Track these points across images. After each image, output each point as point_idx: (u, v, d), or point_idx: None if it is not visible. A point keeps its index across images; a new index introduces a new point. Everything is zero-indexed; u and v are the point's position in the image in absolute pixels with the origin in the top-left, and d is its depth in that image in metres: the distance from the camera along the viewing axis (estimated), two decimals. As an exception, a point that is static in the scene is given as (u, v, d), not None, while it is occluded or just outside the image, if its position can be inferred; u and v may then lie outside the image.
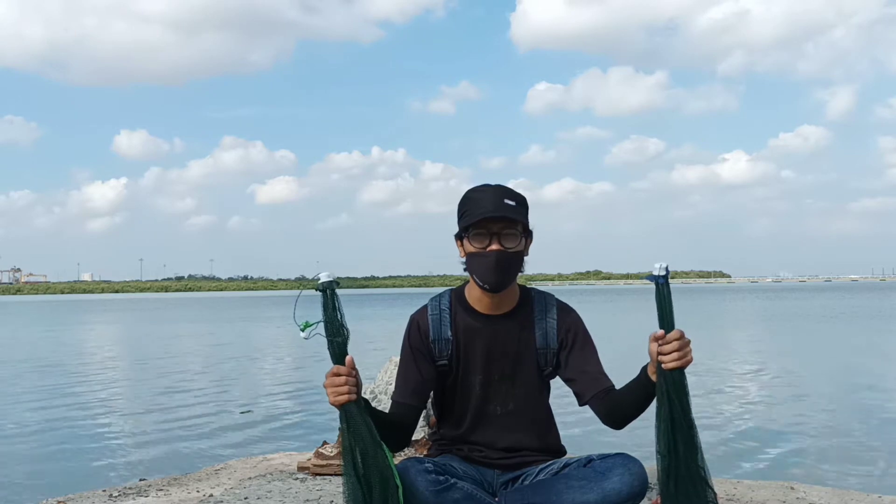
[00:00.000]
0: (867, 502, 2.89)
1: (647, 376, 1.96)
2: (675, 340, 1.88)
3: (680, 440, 1.89)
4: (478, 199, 2.08)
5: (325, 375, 1.89)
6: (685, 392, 1.90)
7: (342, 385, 1.87)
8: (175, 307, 63.84)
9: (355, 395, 1.88)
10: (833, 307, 37.93)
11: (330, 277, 1.90)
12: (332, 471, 3.33)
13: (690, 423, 1.90)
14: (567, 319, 2.19)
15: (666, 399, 1.89)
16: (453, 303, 2.20)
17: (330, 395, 1.88)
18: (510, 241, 2.07)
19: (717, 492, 1.96)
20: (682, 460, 1.89)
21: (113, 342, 23.33)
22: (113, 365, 15.35)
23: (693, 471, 1.90)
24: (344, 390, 1.87)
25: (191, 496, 3.12)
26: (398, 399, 2.15)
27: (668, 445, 1.89)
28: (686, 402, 1.90)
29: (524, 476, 2.15)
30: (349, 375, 1.88)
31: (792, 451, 6.24)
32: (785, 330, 22.78)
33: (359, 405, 1.89)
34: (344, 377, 1.87)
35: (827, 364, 13.29)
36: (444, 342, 2.16)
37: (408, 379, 2.16)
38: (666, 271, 1.91)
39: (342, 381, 1.87)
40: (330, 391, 1.88)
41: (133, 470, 5.81)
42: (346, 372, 1.88)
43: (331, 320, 1.89)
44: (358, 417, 1.87)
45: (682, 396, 1.89)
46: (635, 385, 2.01)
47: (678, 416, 1.89)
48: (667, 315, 1.91)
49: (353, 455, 1.86)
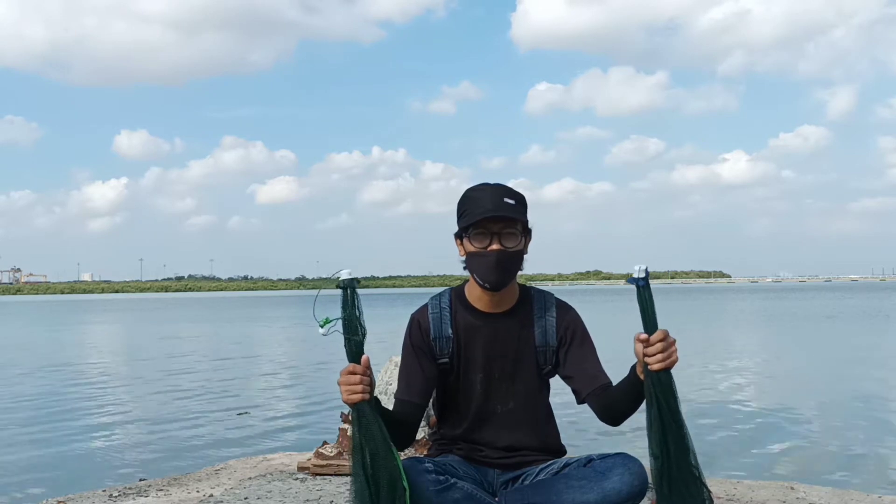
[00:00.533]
0: (867, 502, 2.89)
1: (636, 375, 1.97)
2: (659, 342, 1.88)
3: (671, 441, 1.89)
4: (477, 199, 2.08)
5: (340, 373, 1.89)
6: (673, 393, 1.89)
7: (357, 384, 1.87)
8: (175, 307, 63.84)
9: (369, 395, 1.88)
10: (833, 307, 37.93)
11: (350, 275, 1.90)
12: (332, 471, 3.33)
13: (680, 424, 1.89)
14: (566, 317, 2.19)
15: (654, 400, 1.89)
16: (453, 301, 2.21)
17: (343, 393, 1.88)
18: (510, 240, 2.07)
19: (714, 491, 1.96)
20: (674, 461, 1.89)
21: (113, 342, 23.33)
22: (113, 365, 15.35)
23: (686, 471, 1.89)
24: (358, 389, 1.87)
25: (191, 496, 3.12)
26: (402, 397, 2.14)
27: (659, 447, 1.89)
28: (674, 402, 1.89)
29: (524, 476, 2.15)
30: (364, 374, 1.88)
31: (792, 451, 6.24)
32: (784, 330, 22.78)
33: (371, 405, 1.89)
34: (359, 376, 1.87)
35: (827, 364, 13.29)
36: (444, 340, 2.17)
37: (411, 377, 2.15)
38: (645, 273, 1.91)
39: (357, 379, 1.87)
40: (344, 389, 1.88)
41: (133, 470, 5.80)
42: (362, 371, 1.88)
43: (349, 318, 1.88)
44: (370, 417, 1.87)
45: (669, 397, 1.89)
46: (626, 384, 2.02)
47: (667, 417, 1.88)
48: (649, 316, 1.91)
49: (363, 455, 1.85)
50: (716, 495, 2.94)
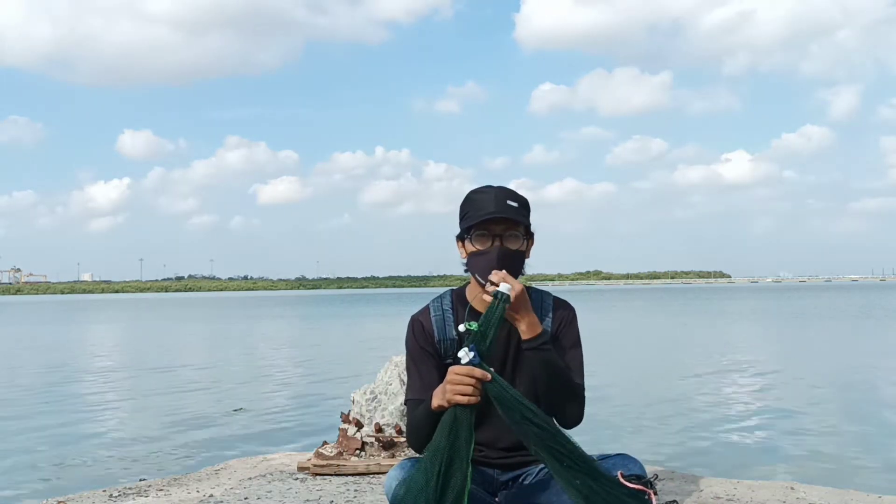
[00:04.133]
0: (867, 502, 2.89)
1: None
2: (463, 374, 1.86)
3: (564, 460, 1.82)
4: (480, 201, 2.08)
5: (451, 371, 1.87)
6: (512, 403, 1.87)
7: (468, 386, 1.85)
8: (175, 307, 63.85)
9: (476, 400, 1.86)
10: (832, 306, 37.94)
11: (509, 291, 1.92)
12: (332, 471, 3.34)
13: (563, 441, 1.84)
14: (563, 313, 2.21)
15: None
16: (455, 303, 2.21)
17: (450, 391, 1.86)
18: (512, 242, 2.07)
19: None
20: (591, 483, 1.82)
21: (112, 342, 23.32)
22: (112, 365, 15.34)
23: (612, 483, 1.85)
24: (468, 391, 1.85)
25: (191, 496, 3.12)
26: (419, 397, 2.10)
27: (569, 480, 1.81)
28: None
29: (524, 475, 2.15)
30: (479, 380, 1.86)
31: (792, 451, 6.24)
32: (784, 330, 22.78)
33: (468, 412, 1.86)
34: (475, 380, 1.85)
35: (826, 363, 13.29)
36: (449, 342, 2.16)
37: (424, 377, 2.14)
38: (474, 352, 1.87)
39: (471, 381, 1.85)
40: (453, 387, 1.86)
41: (133, 470, 5.80)
42: (480, 375, 1.86)
43: (488, 327, 1.90)
44: (464, 423, 1.85)
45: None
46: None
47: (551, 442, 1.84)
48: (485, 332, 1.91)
49: (443, 456, 1.82)
50: (716, 495, 2.94)
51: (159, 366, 14.46)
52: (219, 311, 49.54)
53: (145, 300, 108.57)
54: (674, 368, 12.39)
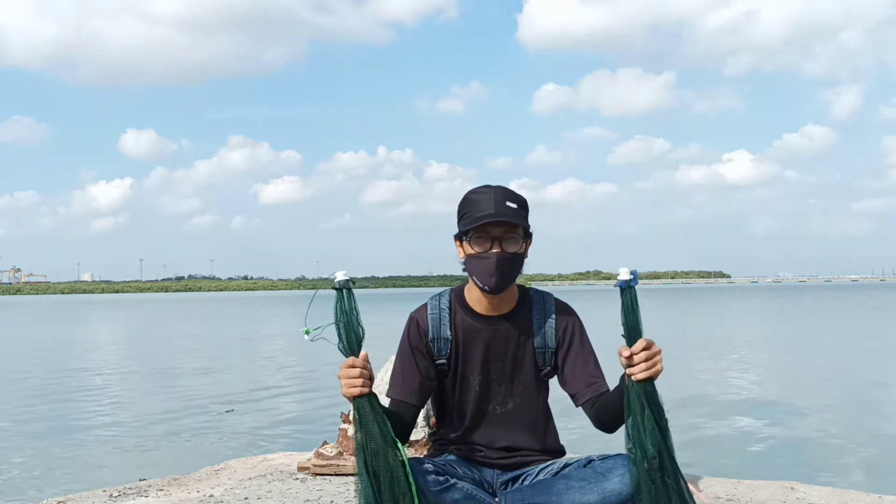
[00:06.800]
0: (867, 502, 2.89)
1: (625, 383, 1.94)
2: (642, 351, 1.84)
3: (652, 447, 1.84)
4: (478, 202, 2.06)
5: (340, 367, 1.89)
6: (656, 401, 1.85)
7: (357, 377, 1.87)
8: (175, 307, 63.81)
9: (368, 389, 1.87)
10: (832, 306, 37.91)
11: (346, 277, 1.91)
12: (332, 471, 3.33)
13: (664, 429, 1.85)
14: (566, 319, 2.18)
15: (638, 407, 1.85)
16: (453, 303, 2.20)
17: (343, 387, 1.88)
18: (511, 244, 2.06)
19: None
20: (656, 468, 1.84)
21: (112, 343, 23.31)
22: (113, 365, 15.34)
23: (670, 477, 1.85)
24: (358, 382, 1.86)
25: (191, 496, 3.12)
26: (396, 396, 2.13)
27: (642, 453, 1.85)
28: (658, 410, 1.85)
29: (524, 476, 2.15)
30: (363, 368, 1.88)
31: (792, 451, 6.24)
32: (784, 329, 22.77)
33: (371, 400, 1.88)
34: (359, 369, 1.87)
35: (826, 363, 13.28)
36: (443, 341, 2.16)
37: (406, 376, 2.15)
38: (633, 276, 1.85)
39: (357, 373, 1.86)
40: (344, 382, 1.87)
41: (133, 470, 5.80)
42: (361, 364, 1.87)
43: (347, 319, 1.90)
44: (369, 413, 1.87)
45: (653, 405, 1.84)
46: (616, 393, 1.99)
47: (650, 425, 1.84)
48: (630, 325, 1.86)
49: (365, 452, 1.85)
50: (716, 495, 2.94)
51: (159, 366, 14.46)
52: (219, 311, 49.51)
53: (145, 300, 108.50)
54: (674, 368, 12.38)
